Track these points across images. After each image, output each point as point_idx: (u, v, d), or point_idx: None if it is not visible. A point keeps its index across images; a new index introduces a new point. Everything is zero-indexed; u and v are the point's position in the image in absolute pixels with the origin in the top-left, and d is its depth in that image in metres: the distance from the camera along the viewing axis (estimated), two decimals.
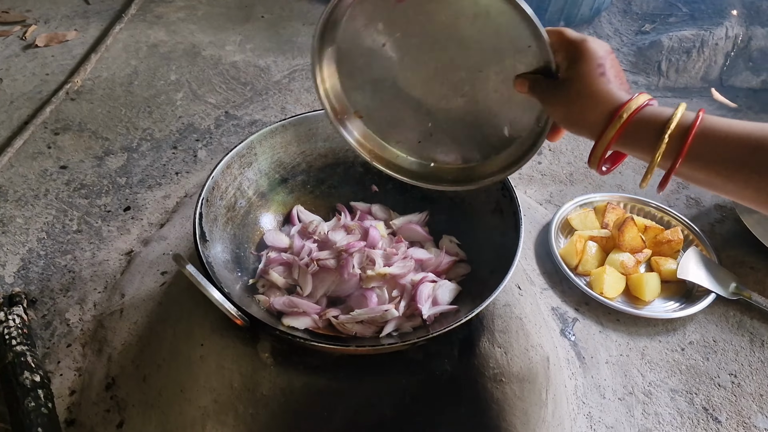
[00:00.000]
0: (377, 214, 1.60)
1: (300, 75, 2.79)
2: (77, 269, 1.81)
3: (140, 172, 2.18)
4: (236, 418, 1.22)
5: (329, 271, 1.40)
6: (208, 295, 1.08)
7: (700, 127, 0.84)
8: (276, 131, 1.53)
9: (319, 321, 1.32)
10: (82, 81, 2.60)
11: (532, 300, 1.58)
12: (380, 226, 1.51)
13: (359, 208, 1.60)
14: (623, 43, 3.10)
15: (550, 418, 1.38)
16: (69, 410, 1.47)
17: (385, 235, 1.51)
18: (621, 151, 0.97)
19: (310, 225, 1.51)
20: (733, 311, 1.83)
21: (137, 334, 1.55)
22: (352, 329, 1.30)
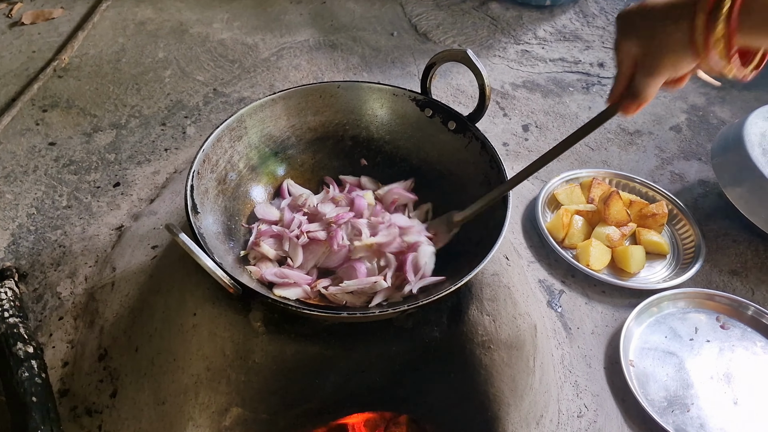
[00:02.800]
0: (366, 185, 1.61)
1: (288, 53, 2.79)
2: (67, 244, 1.81)
3: (129, 149, 2.18)
4: (228, 385, 1.24)
5: (319, 243, 1.41)
6: (201, 264, 1.09)
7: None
8: (266, 105, 1.53)
9: (311, 292, 1.34)
10: (69, 58, 2.59)
11: (519, 271, 1.60)
12: (368, 196, 1.52)
13: (348, 181, 1.61)
14: (609, 22, 3.11)
15: (537, 385, 1.41)
16: (62, 381, 1.49)
17: (373, 204, 1.52)
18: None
19: (300, 198, 1.52)
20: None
21: (129, 306, 1.57)
22: (342, 299, 1.31)
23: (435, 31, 3.04)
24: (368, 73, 2.71)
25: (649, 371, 1.64)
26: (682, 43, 0.91)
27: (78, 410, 1.43)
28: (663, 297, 1.78)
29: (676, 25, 0.90)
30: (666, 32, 0.92)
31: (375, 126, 1.63)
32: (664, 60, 0.95)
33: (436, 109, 1.56)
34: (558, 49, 2.97)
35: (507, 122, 2.49)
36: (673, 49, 0.93)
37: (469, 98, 2.56)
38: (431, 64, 1.52)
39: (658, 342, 1.71)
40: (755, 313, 1.77)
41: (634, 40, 0.99)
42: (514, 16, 3.13)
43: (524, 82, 2.74)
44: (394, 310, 1.18)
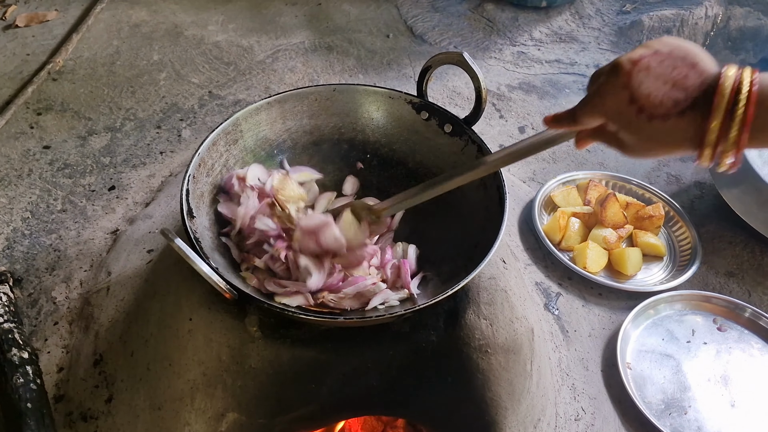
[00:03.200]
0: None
1: (283, 55, 2.78)
2: (62, 248, 1.81)
3: (124, 152, 2.17)
4: (225, 390, 1.23)
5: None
6: (197, 269, 1.08)
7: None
8: (261, 108, 1.53)
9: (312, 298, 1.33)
10: (63, 61, 2.58)
11: (516, 274, 1.59)
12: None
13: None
14: (604, 23, 3.11)
15: (534, 389, 1.41)
16: (57, 386, 1.48)
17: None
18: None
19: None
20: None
21: (124, 311, 1.56)
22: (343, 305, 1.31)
23: (431, 32, 3.03)
24: (364, 75, 2.70)
25: (647, 374, 1.64)
26: (686, 143, 0.84)
27: (73, 416, 1.42)
28: (660, 299, 1.78)
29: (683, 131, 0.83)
30: (666, 130, 0.84)
31: (371, 129, 1.63)
32: (658, 154, 0.90)
33: (432, 112, 1.55)
34: (554, 51, 2.97)
35: (503, 124, 2.49)
36: (670, 147, 0.87)
37: (465, 100, 2.56)
38: (427, 67, 1.52)
39: (655, 344, 1.71)
40: (752, 315, 1.77)
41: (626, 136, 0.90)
42: (510, 17, 3.13)
43: (520, 83, 2.74)
44: (391, 315, 1.18)
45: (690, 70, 0.82)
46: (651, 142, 0.87)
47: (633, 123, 0.86)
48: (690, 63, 0.82)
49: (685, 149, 0.85)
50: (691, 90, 0.81)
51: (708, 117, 0.79)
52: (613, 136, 0.92)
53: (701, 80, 0.81)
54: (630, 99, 0.84)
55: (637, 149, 0.90)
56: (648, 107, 0.83)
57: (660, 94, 0.82)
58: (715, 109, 0.79)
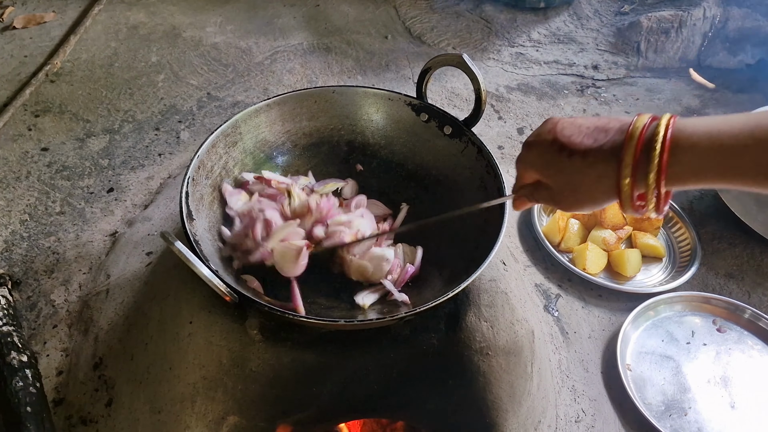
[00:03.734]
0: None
1: (282, 56, 2.78)
2: (61, 251, 1.80)
3: (123, 154, 2.17)
4: (225, 394, 1.23)
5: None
6: (197, 272, 1.08)
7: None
8: (261, 110, 1.53)
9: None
10: (61, 63, 2.58)
11: (516, 276, 1.60)
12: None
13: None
14: (603, 24, 3.11)
15: (535, 391, 1.40)
16: (57, 390, 1.48)
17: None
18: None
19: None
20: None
21: (124, 314, 1.56)
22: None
23: (429, 33, 3.03)
24: (363, 77, 2.70)
25: (646, 375, 1.64)
26: (605, 197, 0.89)
27: (73, 420, 1.42)
28: (659, 300, 1.77)
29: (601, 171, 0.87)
30: (586, 169, 0.88)
31: (370, 131, 1.63)
32: (584, 207, 0.94)
33: (431, 114, 1.55)
34: (552, 52, 2.97)
35: (502, 125, 2.48)
36: (594, 201, 0.91)
37: (464, 101, 2.56)
38: (427, 68, 1.52)
39: (654, 346, 1.71)
40: (752, 316, 1.77)
41: (550, 177, 0.95)
42: (508, 18, 3.13)
43: (519, 84, 2.74)
44: (391, 318, 1.18)
45: (612, 121, 0.88)
46: (574, 184, 0.91)
47: (556, 162, 0.91)
48: (614, 118, 0.88)
49: (606, 191, 0.88)
50: (611, 132, 0.86)
51: (621, 158, 0.83)
52: (544, 188, 0.98)
53: (620, 125, 0.86)
54: (553, 140, 0.90)
55: (564, 193, 0.94)
56: (568, 145, 0.88)
57: (582, 136, 0.88)
58: (626, 149, 0.82)
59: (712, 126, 0.78)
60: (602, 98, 2.68)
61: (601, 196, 0.89)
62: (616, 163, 0.83)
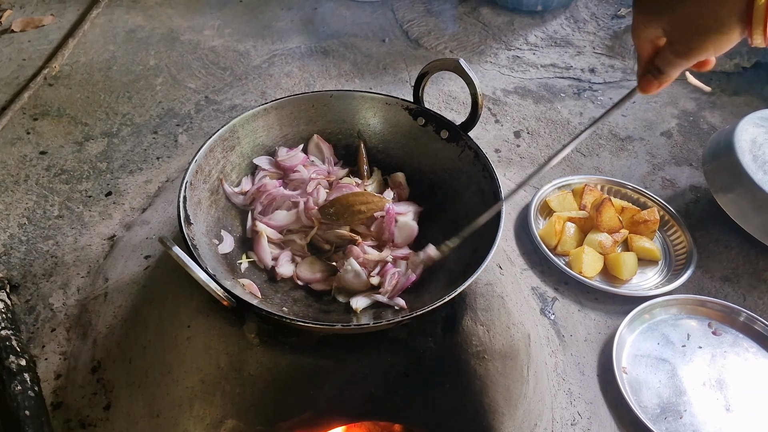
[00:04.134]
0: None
1: (279, 60, 2.79)
2: (59, 254, 1.81)
3: (121, 157, 2.17)
4: (223, 398, 1.24)
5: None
6: (195, 277, 1.09)
7: None
8: (258, 115, 1.54)
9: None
10: (59, 66, 2.58)
11: (512, 279, 1.60)
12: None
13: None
14: (599, 27, 3.12)
15: (531, 394, 1.41)
16: (55, 394, 1.48)
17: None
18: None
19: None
20: None
21: (122, 318, 1.56)
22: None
23: (426, 37, 3.04)
24: (360, 80, 2.71)
25: (642, 378, 1.65)
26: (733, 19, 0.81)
27: (72, 423, 1.42)
28: (655, 304, 1.78)
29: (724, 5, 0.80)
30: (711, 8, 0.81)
31: (368, 135, 1.64)
32: (707, 42, 0.85)
33: (428, 118, 1.56)
34: (549, 55, 2.97)
35: (499, 129, 2.49)
36: (719, 27, 0.82)
37: (461, 105, 2.57)
38: (424, 73, 1.53)
39: (650, 349, 1.71)
40: (747, 319, 1.78)
41: (664, 19, 0.88)
42: (506, 21, 3.14)
43: (516, 88, 2.75)
44: (388, 322, 1.18)
45: None
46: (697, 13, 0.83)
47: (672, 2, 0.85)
48: None
49: (734, 25, 0.81)
50: None
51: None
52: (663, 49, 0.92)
53: None
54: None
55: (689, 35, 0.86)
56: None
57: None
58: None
59: None
60: (599, 101, 2.69)
61: (730, 29, 0.82)
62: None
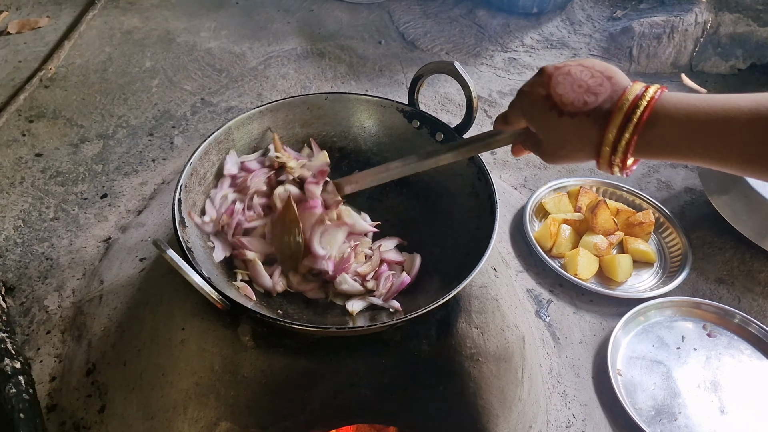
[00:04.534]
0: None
1: (275, 62, 2.79)
2: (55, 256, 1.81)
3: (117, 159, 2.17)
4: (218, 400, 1.24)
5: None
6: (189, 280, 1.09)
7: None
8: (253, 117, 1.54)
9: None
10: (55, 68, 2.58)
11: (507, 282, 1.60)
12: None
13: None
14: (595, 29, 3.13)
15: (526, 396, 1.41)
16: (50, 396, 1.48)
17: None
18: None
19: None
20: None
21: (117, 320, 1.56)
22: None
23: (422, 39, 3.04)
24: (356, 82, 2.71)
25: (637, 380, 1.65)
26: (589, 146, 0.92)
27: (66, 426, 1.42)
28: (650, 306, 1.78)
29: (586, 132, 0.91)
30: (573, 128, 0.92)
31: (363, 138, 1.64)
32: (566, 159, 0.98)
33: (423, 121, 1.56)
34: (545, 57, 2.98)
35: None
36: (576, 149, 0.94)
37: (456, 107, 2.57)
38: (419, 75, 1.53)
39: (645, 351, 1.72)
40: (741, 321, 1.78)
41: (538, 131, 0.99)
42: (501, 23, 3.15)
43: (511, 90, 2.75)
44: (382, 325, 1.19)
45: (605, 80, 0.90)
46: (559, 140, 0.95)
47: (545, 118, 0.94)
48: (607, 75, 0.91)
49: (587, 152, 0.92)
50: (602, 97, 0.89)
51: (606, 127, 0.87)
52: (533, 138, 1.02)
53: (612, 90, 0.89)
54: (546, 96, 0.93)
55: (549, 148, 0.99)
56: (559, 104, 0.91)
57: (572, 96, 0.91)
58: (612, 121, 0.87)
59: (693, 103, 0.82)
60: None
61: (583, 155, 0.94)
62: (601, 129, 0.88)
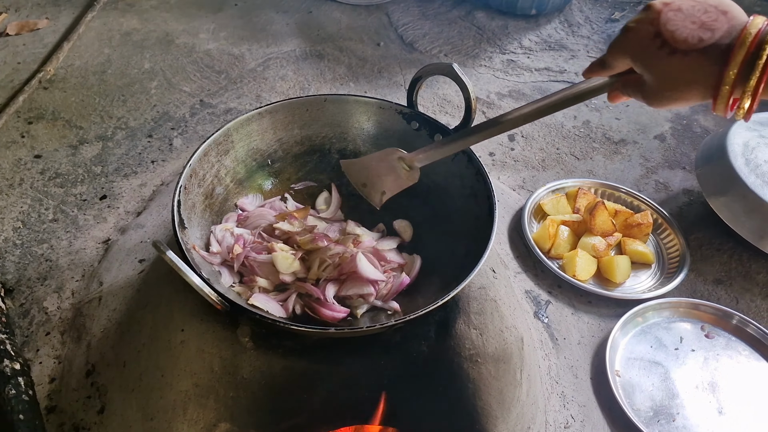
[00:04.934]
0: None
1: (274, 63, 2.79)
2: (54, 258, 1.81)
3: (116, 161, 2.18)
4: (217, 401, 1.24)
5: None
6: (189, 281, 1.10)
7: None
8: (252, 119, 1.54)
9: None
10: (54, 69, 2.58)
11: (506, 283, 1.61)
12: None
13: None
14: (593, 31, 3.14)
15: (524, 397, 1.42)
16: (50, 397, 1.48)
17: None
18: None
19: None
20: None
21: (116, 321, 1.56)
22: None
23: (421, 40, 3.05)
24: (355, 84, 2.71)
25: (635, 381, 1.65)
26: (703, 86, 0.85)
27: (66, 427, 1.43)
28: (648, 307, 1.79)
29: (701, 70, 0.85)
30: (685, 68, 0.86)
31: (362, 139, 1.64)
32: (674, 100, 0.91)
33: (422, 122, 1.57)
34: (543, 59, 2.98)
35: None
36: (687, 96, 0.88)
37: (455, 108, 2.58)
38: (417, 77, 1.53)
39: (643, 352, 1.72)
40: (739, 322, 1.79)
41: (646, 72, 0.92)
42: (500, 25, 3.15)
43: (510, 91, 2.75)
44: (381, 326, 1.19)
45: (721, 15, 0.84)
46: (670, 81, 0.88)
47: (654, 57, 0.88)
48: (722, 10, 0.85)
49: (702, 93, 0.86)
50: (718, 33, 0.83)
51: (726, 64, 0.81)
52: (637, 81, 0.94)
53: (729, 25, 0.83)
54: (655, 33, 0.87)
55: (658, 90, 0.91)
56: (671, 41, 0.85)
57: (686, 32, 0.84)
58: (733, 58, 0.80)
59: None
60: (593, 104, 2.70)
61: (696, 96, 0.88)
62: (720, 67, 0.82)
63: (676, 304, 1.82)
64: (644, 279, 1.92)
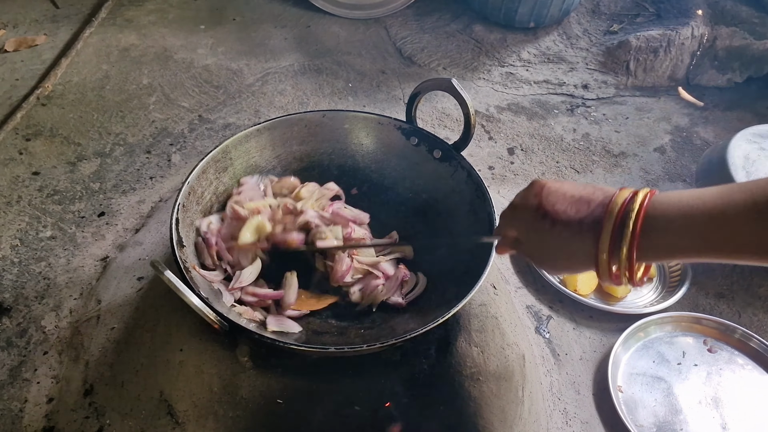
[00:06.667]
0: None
1: (273, 78, 2.79)
2: (52, 276, 1.80)
3: (114, 178, 2.17)
4: (216, 421, 1.23)
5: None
6: (187, 301, 1.09)
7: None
8: (251, 135, 1.54)
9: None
10: (52, 86, 2.58)
11: (507, 299, 1.60)
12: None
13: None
14: (592, 43, 3.13)
15: (526, 415, 1.40)
16: (47, 418, 1.47)
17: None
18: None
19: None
20: None
21: (115, 340, 1.55)
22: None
23: (420, 54, 3.05)
24: (354, 98, 2.71)
25: (638, 397, 1.64)
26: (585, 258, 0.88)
27: None
28: (650, 321, 1.78)
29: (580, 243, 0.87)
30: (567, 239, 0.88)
31: (361, 155, 1.64)
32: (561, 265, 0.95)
33: (421, 138, 1.56)
34: (542, 71, 2.98)
35: (492, 145, 2.50)
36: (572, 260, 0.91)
37: (454, 122, 2.57)
38: (416, 92, 1.53)
39: (646, 367, 1.71)
40: (742, 336, 1.78)
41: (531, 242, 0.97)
42: (498, 38, 3.15)
43: (509, 104, 2.75)
44: (381, 344, 1.18)
45: (596, 190, 0.88)
46: (553, 250, 0.92)
47: (538, 228, 0.92)
48: (598, 187, 0.89)
49: (584, 262, 0.88)
50: (593, 204, 0.86)
51: (599, 234, 0.84)
52: (524, 246, 0.99)
53: (604, 196, 0.86)
54: (537, 206, 0.91)
55: (544, 258, 0.96)
56: (552, 214, 0.89)
57: (565, 205, 0.88)
58: (604, 227, 0.83)
59: (686, 202, 0.78)
60: (592, 117, 2.70)
61: (579, 266, 0.91)
62: (595, 237, 0.84)
63: (678, 319, 1.80)
64: (646, 293, 1.91)
